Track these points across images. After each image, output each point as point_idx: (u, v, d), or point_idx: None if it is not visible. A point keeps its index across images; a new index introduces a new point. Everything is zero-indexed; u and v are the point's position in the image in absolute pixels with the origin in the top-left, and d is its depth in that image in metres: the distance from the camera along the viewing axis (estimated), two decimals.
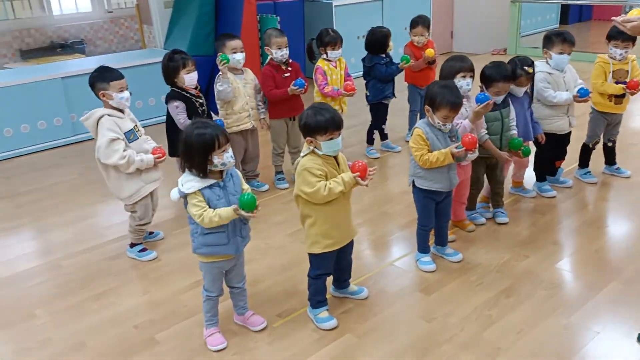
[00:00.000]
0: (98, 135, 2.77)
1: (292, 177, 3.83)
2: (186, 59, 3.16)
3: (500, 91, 2.83)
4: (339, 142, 2.14)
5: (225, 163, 2.06)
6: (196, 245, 2.17)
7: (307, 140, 2.15)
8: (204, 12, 5.32)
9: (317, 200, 2.13)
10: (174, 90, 3.21)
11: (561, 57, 3.18)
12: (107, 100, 2.77)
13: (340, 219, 2.24)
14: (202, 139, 2.01)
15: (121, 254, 3.06)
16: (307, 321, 2.39)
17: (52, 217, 3.60)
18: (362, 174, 2.13)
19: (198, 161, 2.03)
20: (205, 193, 2.06)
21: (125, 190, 2.85)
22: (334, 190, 2.11)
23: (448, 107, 2.42)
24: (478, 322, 2.34)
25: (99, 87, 2.76)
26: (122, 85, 2.78)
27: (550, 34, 3.24)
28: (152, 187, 2.93)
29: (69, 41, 7.34)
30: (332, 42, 3.66)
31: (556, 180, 3.55)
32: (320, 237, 2.22)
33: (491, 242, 2.96)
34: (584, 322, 2.30)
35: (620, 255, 2.81)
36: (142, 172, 2.86)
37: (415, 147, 2.52)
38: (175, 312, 2.53)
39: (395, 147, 4.37)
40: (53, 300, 2.68)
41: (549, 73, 3.22)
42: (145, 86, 5.16)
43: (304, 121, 2.13)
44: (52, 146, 4.91)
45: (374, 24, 4.22)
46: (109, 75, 2.77)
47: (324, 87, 3.65)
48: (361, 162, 2.16)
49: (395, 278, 2.70)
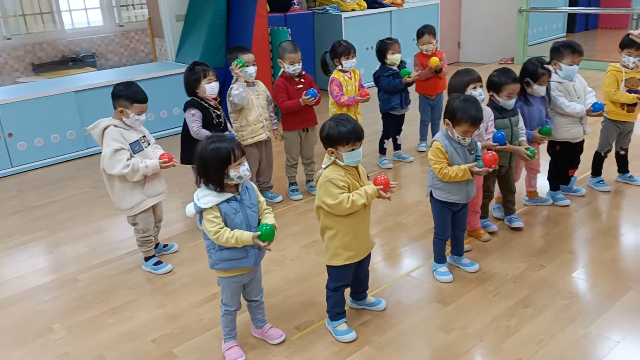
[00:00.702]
0: (103, 145, 2.79)
1: (305, 188, 3.89)
2: (207, 70, 3.22)
3: (512, 93, 2.87)
4: (360, 153, 2.16)
5: (241, 176, 2.07)
6: (214, 261, 2.16)
7: (328, 151, 2.16)
8: (216, 24, 5.39)
9: (340, 213, 2.14)
10: (194, 99, 3.27)
11: (571, 67, 3.20)
12: (123, 117, 2.80)
13: (361, 231, 2.25)
14: (218, 153, 2.02)
15: (136, 267, 3.08)
16: (326, 333, 2.39)
17: (67, 231, 3.63)
18: (385, 187, 2.15)
19: (214, 175, 2.04)
20: (222, 207, 2.07)
21: (127, 202, 2.86)
22: (357, 203, 2.12)
23: (469, 122, 2.43)
24: (497, 332, 2.33)
25: (122, 103, 2.78)
26: (143, 109, 2.82)
27: (559, 45, 3.24)
28: (154, 201, 2.94)
29: (81, 55, 7.45)
30: (345, 51, 3.69)
31: (569, 189, 3.54)
32: (342, 249, 2.22)
33: (506, 251, 2.96)
34: (603, 332, 2.29)
35: (636, 263, 2.79)
36: (145, 184, 2.86)
37: (435, 159, 2.53)
38: (192, 325, 2.54)
39: (408, 157, 4.39)
40: (70, 315, 2.69)
41: (559, 82, 3.23)
42: (157, 99, 5.20)
43: (326, 132, 2.15)
44: (65, 159, 4.96)
45: (382, 36, 4.26)
46: (136, 97, 2.78)
47: (340, 97, 3.67)
48: (383, 176, 2.18)
49: (412, 289, 2.69)
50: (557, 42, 3.29)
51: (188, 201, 2.16)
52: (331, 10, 6.49)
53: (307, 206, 3.70)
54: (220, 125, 3.34)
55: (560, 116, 3.26)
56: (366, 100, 3.70)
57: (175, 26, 5.84)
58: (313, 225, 3.46)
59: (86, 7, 7.73)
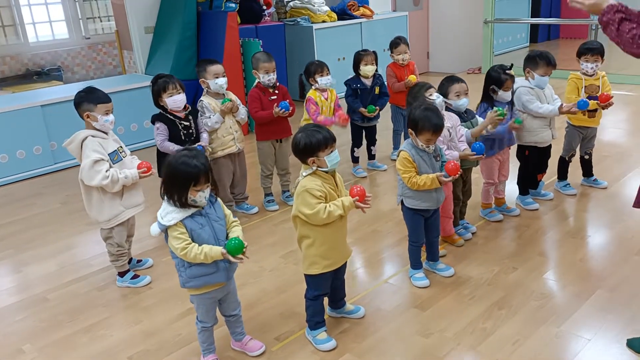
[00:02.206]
0: (82, 157, 2.74)
1: (281, 199, 3.88)
2: (168, 83, 3.17)
3: (459, 92, 2.98)
4: (337, 154, 2.19)
5: (196, 200, 2.02)
6: (185, 280, 2.12)
7: (309, 162, 2.17)
8: (186, 36, 5.36)
9: (316, 222, 2.15)
10: (161, 112, 3.25)
11: (543, 78, 3.30)
12: (91, 121, 2.75)
13: (337, 240, 2.27)
14: (186, 170, 1.97)
15: (110, 284, 3.01)
16: (306, 343, 2.39)
17: (36, 249, 3.53)
18: (361, 198, 2.18)
19: (178, 190, 1.99)
20: (187, 223, 2.02)
21: (106, 214, 2.81)
22: (334, 214, 2.14)
23: (431, 131, 2.49)
24: (474, 335, 2.37)
25: (85, 108, 2.74)
26: (108, 108, 2.77)
27: (535, 55, 3.31)
28: (133, 212, 2.90)
29: (46, 68, 7.29)
30: (318, 69, 3.73)
31: (538, 193, 3.65)
32: (319, 257, 2.23)
33: (480, 255, 3.02)
34: (575, 330, 2.35)
35: (603, 263, 2.89)
36: (123, 195, 2.82)
37: (403, 169, 2.58)
38: (170, 341, 2.49)
39: (382, 165, 4.44)
40: (41, 335, 2.61)
41: (531, 88, 3.34)
42: (127, 112, 5.15)
43: (304, 143, 2.14)
44: (32, 175, 4.82)
45: (353, 46, 4.36)
46: (97, 97, 2.75)
47: (316, 116, 3.70)
48: (359, 187, 2.21)
49: (390, 295, 2.72)
50: (533, 52, 3.36)
51: None
52: (302, 22, 6.55)
53: (284, 217, 3.70)
54: (191, 137, 3.30)
55: (532, 119, 3.35)
56: (344, 126, 3.75)
57: (144, 38, 5.78)
58: (290, 236, 3.45)
59: (51, 19, 7.58)
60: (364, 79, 4.06)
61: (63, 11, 7.58)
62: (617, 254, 2.96)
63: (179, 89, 3.20)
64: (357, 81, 4.06)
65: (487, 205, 3.45)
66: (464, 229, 3.24)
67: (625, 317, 2.41)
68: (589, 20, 7.19)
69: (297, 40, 6.41)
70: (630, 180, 3.85)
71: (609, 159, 4.20)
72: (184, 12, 5.33)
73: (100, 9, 7.96)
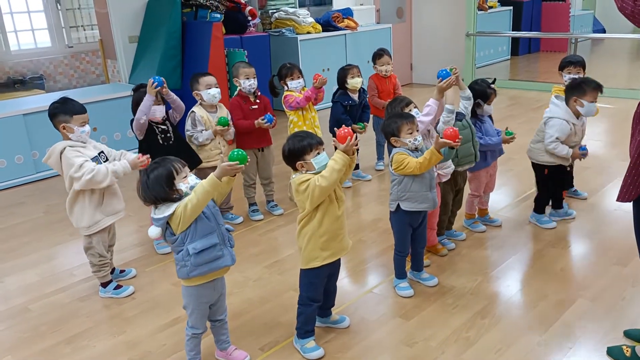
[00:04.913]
0: (64, 169, 2.70)
1: (266, 208, 3.88)
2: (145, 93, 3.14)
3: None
4: (326, 155, 2.21)
5: (193, 186, 2.04)
6: (190, 269, 2.07)
7: (298, 166, 2.19)
8: (171, 46, 5.36)
9: (331, 184, 2.11)
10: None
11: (592, 104, 3.14)
12: (67, 133, 2.72)
13: (337, 230, 2.27)
14: (160, 177, 2.00)
15: (92, 294, 2.97)
16: (292, 353, 2.38)
17: (17, 259, 3.47)
18: (344, 139, 2.12)
19: (164, 196, 2.01)
20: None
21: (86, 219, 2.77)
22: (335, 167, 2.11)
23: (404, 124, 2.53)
24: (457, 344, 2.40)
25: (61, 120, 2.71)
26: (84, 119, 2.75)
27: (579, 82, 3.18)
28: (112, 219, 2.87)
29: (28, 77, 7.20)
30: (289, 72, 3.73)
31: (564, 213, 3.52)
32: (319, 250, 2.24)
33: (463, 265, 3.06)
34: (557, 339, 2.39)
35: (583, 272, 2.95)
36: (103, 202, 2.80)
37: (401, 161, 2.55)
38: (154, 352, 2.47)
39: (366, 175, 4.47)
40: (22, 346, 2.56)
41: (574, 124, 3.20)
42: (110, 121, 5.11)
43: (289, 148, 2.18)
44: (13, 184, 4.75)
45: (338, 58, 4.38)
46: (73, 108, 2.72)
47: (297, 102, 3.64)
48: (344, 129, 2.16)
49: (375, 305, 2.73)
50: (575, 80, 3.27)
51: (144, 225, 2.13)
52: (287, 33, 6.60)
53: (268, 226, 3.70)
54: (169, 140, 3.27)
55: None
56: (321, 83, 3.57)
57: (128, 47, 5.76)
58: (275, 246, 3.45)
59: (33, 27, 7.50)
60: (352, 93, 4.08)
61: (46, 19, 7.50)
62: (598, 263, 3.02)
63: (158, 100, 3.19)
64: (347, 97, 4.07)
65: (471, 216, 3.50)
66: (452, 237, 3.27)
67: (605, 326, 2.46)
68: (569, 35, 7.39)
69: (282, 51, 6.45)
70: (609, 191, 3.94)
71: (589, 170, 4.30)
72: (168, 21, 5.33)
73: (84, 18, 7.90)
